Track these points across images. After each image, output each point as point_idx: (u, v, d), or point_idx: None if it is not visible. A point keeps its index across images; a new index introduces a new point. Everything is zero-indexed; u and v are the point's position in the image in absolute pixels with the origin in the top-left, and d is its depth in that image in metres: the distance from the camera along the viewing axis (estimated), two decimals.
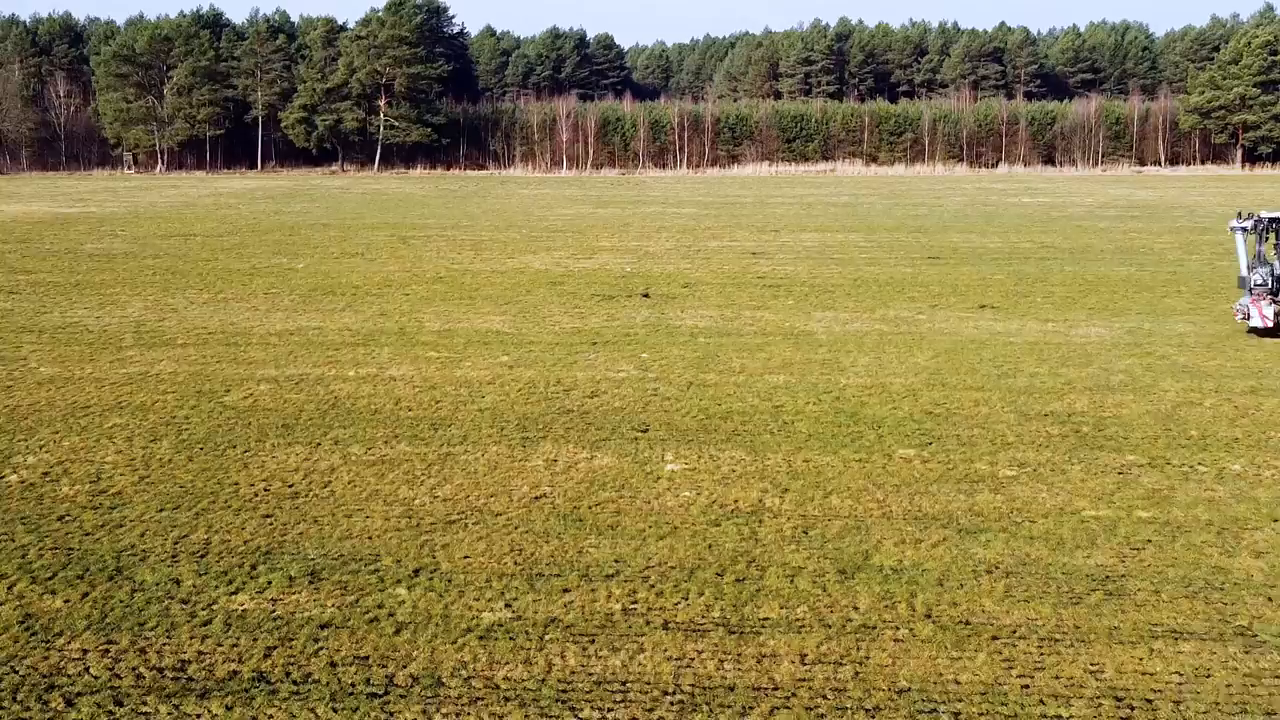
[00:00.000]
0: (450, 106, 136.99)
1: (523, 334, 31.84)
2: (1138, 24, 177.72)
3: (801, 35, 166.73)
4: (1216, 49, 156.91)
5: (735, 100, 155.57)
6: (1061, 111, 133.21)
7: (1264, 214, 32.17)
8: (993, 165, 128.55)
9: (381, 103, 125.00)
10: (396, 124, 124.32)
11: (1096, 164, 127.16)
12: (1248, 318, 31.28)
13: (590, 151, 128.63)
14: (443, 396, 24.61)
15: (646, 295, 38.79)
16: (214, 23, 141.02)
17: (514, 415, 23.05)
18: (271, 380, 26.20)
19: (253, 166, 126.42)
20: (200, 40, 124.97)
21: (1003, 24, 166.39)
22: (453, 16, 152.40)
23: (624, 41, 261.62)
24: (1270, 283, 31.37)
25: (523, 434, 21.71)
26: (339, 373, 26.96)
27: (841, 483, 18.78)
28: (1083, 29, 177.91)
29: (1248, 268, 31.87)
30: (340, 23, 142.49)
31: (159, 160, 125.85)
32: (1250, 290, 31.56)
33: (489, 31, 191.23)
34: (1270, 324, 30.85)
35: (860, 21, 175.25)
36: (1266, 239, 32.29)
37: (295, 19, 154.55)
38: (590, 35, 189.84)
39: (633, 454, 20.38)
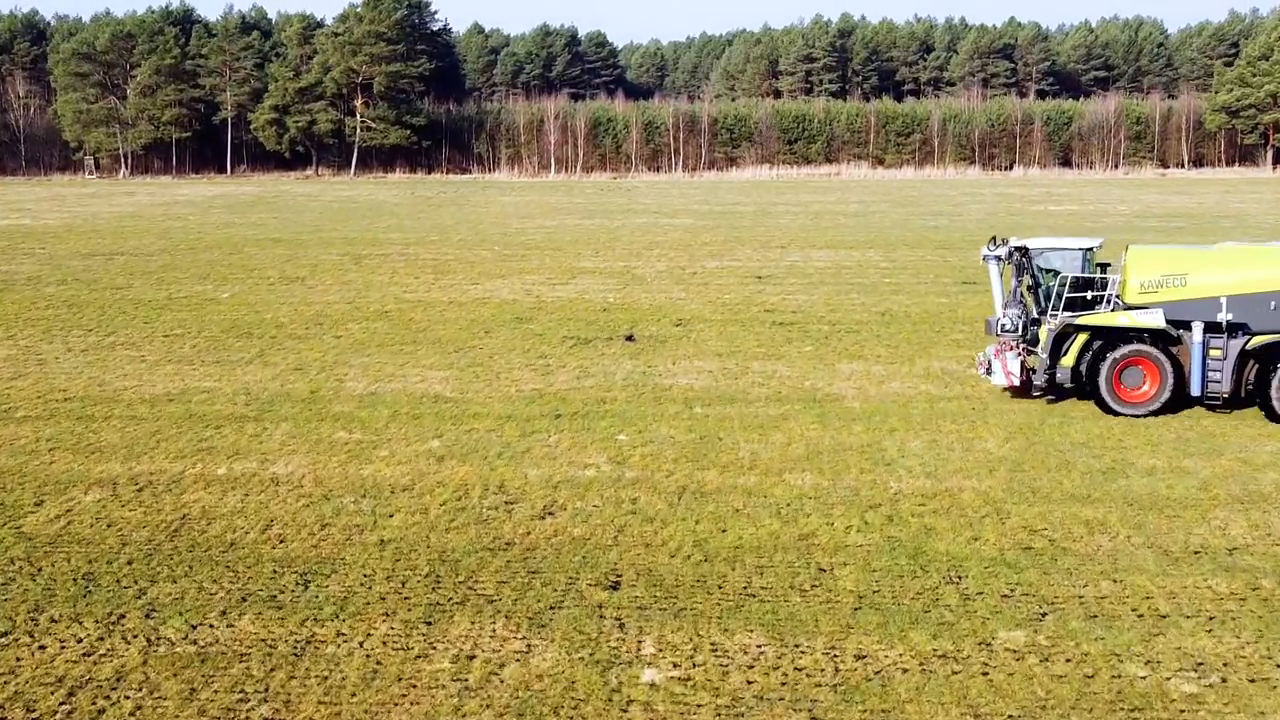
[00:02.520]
0: (433, 107, 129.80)
1: (468, 400, 24.73)
2: (1152, 19, 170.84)
3: (802, 32, 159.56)
4: (1235, 45, 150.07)
5: (733, 100, 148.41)
6: (1078, 111, 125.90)
7: (1015, 241, 24.96)
8: (1006, 168, 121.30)
9: (358, 103, 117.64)
10: (373, 125, 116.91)
11: (1117, 166, 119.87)
12: (990, 372, 24.34)
13: (580, 154, 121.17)
14: (334, 516, 17.50)
15: (630, 338, 31.69)
16: (184, 19, 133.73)
17: (426, 555, 15.95)
18: (109, 484, 19.09)
19: (222, 171, 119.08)
20: (165, 37, 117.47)
21: (1012, 19, 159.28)
22: (435, 12, 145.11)
23: (618, 39, 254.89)
24: (1021, 329, 24.37)
25: (431, 596, 14.61)
26: (206, 469, 19.84)
27: (923, 710, 11.68)
28: (1094, 24, 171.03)
29: (1002, 307, 24.76)
30: (319, 19, 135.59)
31: (122, 164, 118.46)
32: (997, 336, 24.65)
33: (477, 29, 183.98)
34: (1017, 382, 23.96)
35: (863, 18, 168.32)
36: (1021, 274, 24.89)
37: (273, 16, 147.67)
38: (582, 33, 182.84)
39: (593, 641, 13.31)
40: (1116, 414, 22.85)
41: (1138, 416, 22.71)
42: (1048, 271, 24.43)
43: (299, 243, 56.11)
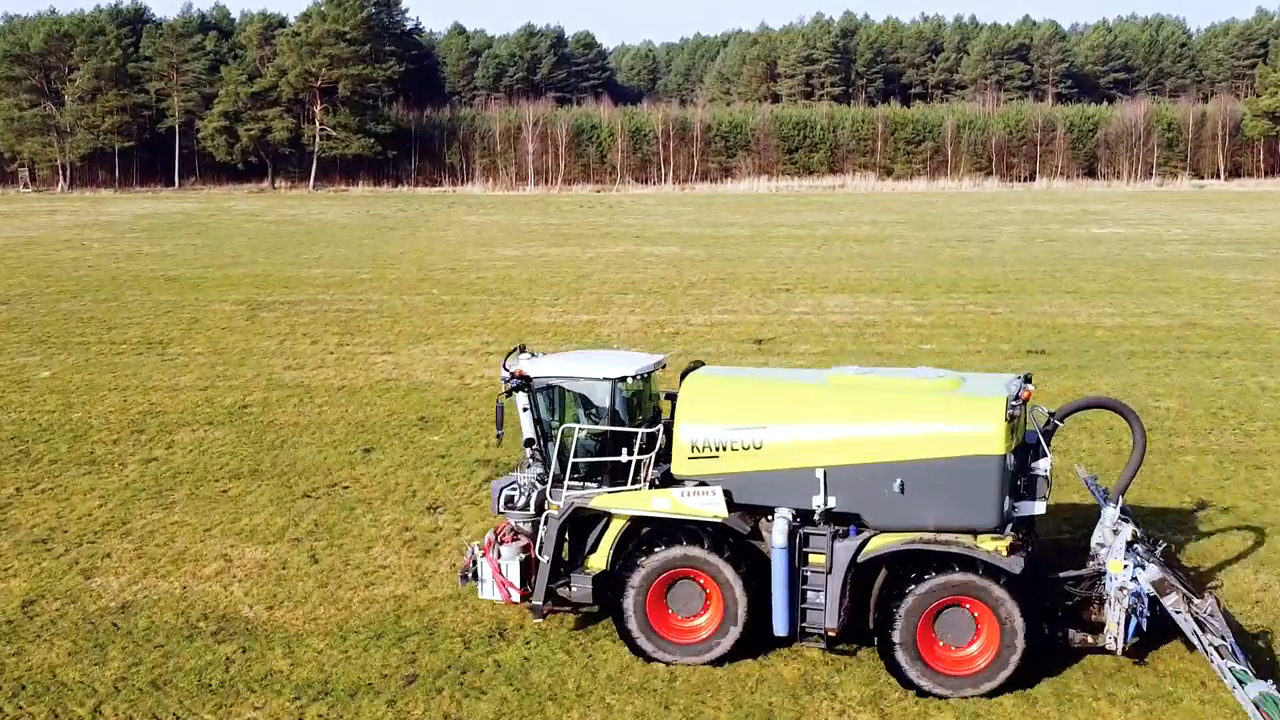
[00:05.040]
0: (404, 113, 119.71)
1: (271, 629, 14.72)
2: (1173, 18, 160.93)
3: (802, 31, 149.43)
4: (1265, 45, 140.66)
5: (728, 104, 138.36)
6: (1104, 116, 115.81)
7: (523, 359, 14.80)
8: (1027, 179, 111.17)
9: (317, 109, 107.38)
10: (334, 134, 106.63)
11: (1149, 177, 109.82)
12: (475, 577, 14.56)
13: (561, 164, 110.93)
14: None
15: None
16: (135, 19, 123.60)
17: None
18: None
19: (170, 184, 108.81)
20: (106, 37, 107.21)
21: (1026, 18, 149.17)
22: (406, 10, 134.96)
23: (608, 41, 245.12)
24: (532, 500, 14.52)
25: None
26: None
27: None
28: (1111, 24, 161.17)
29: (530, 457, 14.87)
30: (282, 18, 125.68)
31: (60, 177, 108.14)
32: (498, 513, 14.86)
33: (458, 29, 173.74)
34: (516, 595, 14.31)
35: (866, 16, 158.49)
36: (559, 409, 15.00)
37: (236, 16, 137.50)
38: (569, 33, 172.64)
39: None
40: (653, 660, 13.52)
41: (694, 664, 13.45)
42: (576, 408, 14.61)
43: (198, 283, 46.05)
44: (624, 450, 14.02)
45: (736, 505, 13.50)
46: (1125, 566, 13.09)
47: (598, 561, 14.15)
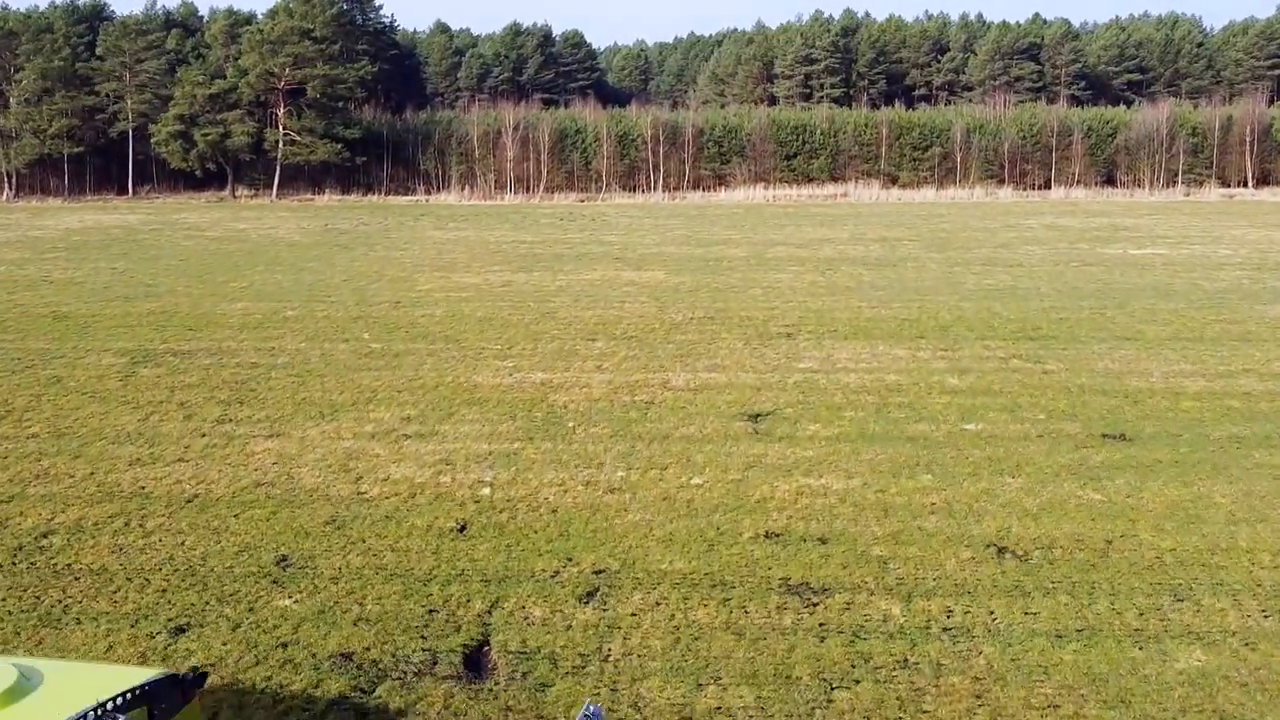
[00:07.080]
0: (379, 115, 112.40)
1: None
2: (1189, 16, 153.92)
3: (800, 30, 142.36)
4: None
5: (723, 107, 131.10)
6: (1123, 120, 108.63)
7: None
8: (1042, 187, 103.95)
9: (280, 112, 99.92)
10: (299, 138, 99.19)
11: (1173, 185, 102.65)
12: None
13: (544, 171, 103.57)
14: None
15: (485, 659, 14.37)
16: (92, 15, 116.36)
17: None
18: None
19: (124, 192, 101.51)
20: (54, 35, 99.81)
21: (1036, 16, 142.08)
22: (380, 7, 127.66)
23: (598, 40, 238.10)
24: None
25: None
26: None
27: None
28: (1124, 22, 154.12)
29: None
30: (249, 15, 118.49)
31: (5, 184, 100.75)
32: None
33: (441, 28, 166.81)
34: None
35: (867, 14, 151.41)
36: None
37: (204, 13, 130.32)
38: (557, 32, 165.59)
39: None
40: None
41: None
42: None
43: (87, 324, 38.72)
44: None
45: None
46: None
47: None
